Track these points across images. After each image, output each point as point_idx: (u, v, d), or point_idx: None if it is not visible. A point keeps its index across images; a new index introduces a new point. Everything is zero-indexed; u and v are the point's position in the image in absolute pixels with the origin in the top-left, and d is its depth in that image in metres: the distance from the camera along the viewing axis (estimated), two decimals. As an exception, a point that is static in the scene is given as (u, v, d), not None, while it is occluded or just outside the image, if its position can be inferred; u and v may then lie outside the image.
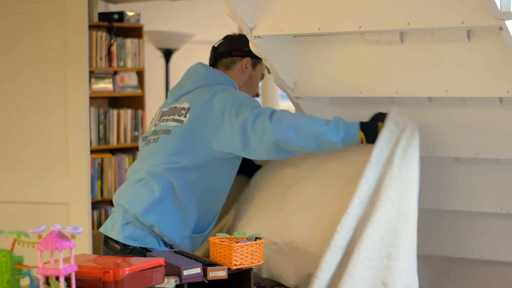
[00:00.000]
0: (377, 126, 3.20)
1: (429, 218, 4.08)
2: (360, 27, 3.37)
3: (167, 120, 3.33)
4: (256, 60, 3.53)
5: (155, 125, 3.39)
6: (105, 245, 3.26)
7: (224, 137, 3.19)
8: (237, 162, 3.35)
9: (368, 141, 3.20)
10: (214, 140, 3.21)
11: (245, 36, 3.51)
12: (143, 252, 3.13)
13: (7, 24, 5.03)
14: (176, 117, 3.30)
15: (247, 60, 3.49)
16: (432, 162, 3.84)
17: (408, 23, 3.26)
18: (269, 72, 3.63)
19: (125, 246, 3.18)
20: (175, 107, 3.35)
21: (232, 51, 3.50)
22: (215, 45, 3.55)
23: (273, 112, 3.19)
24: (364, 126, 3.21)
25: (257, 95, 3.57)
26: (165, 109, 3.41)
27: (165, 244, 3.20)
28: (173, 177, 3.21)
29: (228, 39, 3.59)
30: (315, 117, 3.25)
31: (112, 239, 3.22)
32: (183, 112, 3.29)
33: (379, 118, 3.23)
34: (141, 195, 3.21)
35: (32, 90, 5.00)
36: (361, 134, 3.20)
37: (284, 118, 3.15)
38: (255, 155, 3.23)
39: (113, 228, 3.23)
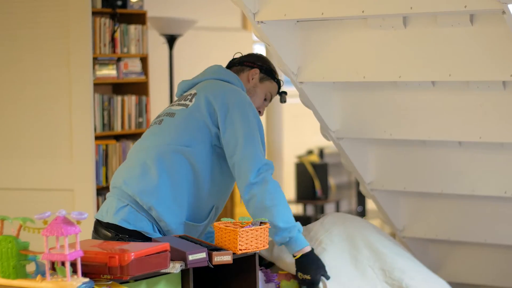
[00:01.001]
0: (307, 269, 3.14)
1: (432, 202, 4.10)
2: (363, 12, 3.37)
3: (173, 105, 3.35)
4: (266, 76, 3.49)
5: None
6: (95, 232, 3.24)
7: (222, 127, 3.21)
8: None
9: (298, 262, 3.13)
10: (212, 126, 3.22)
11: (263, 56, 3.53)
12: (134, 241, 3.12)
13: (11, 12, 5.02)
14: (182, 101, 3.32)
15: (255, 71, 3.47)
16: (436, 146, 3.85)
17: (411, 8, 3.26)
18: (283, 101, 3.57)
19: (116, 233, 3.18)
20: (184, 95, 3.37)
21: (244, 61, 3.51)
22: (233, 57, 3.57)
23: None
24: (312, 253, 3.15)
25: (259, 112, 3.48)
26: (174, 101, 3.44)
27: (160, 230, 3.20)
28: (171, 159, 3.20)
29: (246, 54, 3.60)
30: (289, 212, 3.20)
31: (103, 226, 3.20)
32: (189, 97, 3.31)
33: (313, 270, 3.14)
34: (139, 176, 3.20)
35: (36, 77, 5.00)
36: (306, 250, 3.13)
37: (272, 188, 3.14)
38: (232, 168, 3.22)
39: (108, 212, 3.22)
